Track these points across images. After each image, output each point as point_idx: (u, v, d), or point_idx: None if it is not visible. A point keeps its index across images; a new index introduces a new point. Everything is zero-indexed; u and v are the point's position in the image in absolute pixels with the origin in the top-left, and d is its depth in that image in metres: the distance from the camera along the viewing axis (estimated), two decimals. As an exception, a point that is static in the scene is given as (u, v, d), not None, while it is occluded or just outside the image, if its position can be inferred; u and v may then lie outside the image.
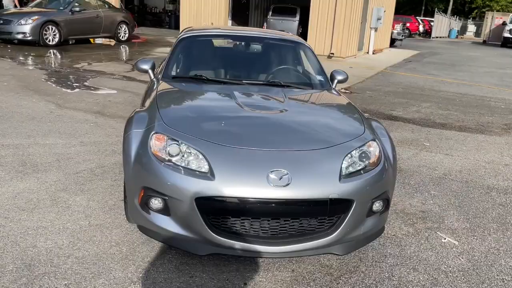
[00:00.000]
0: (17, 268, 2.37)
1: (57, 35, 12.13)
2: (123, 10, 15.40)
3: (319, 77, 3.93)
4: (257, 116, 2.92)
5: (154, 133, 2.54)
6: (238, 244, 2.34)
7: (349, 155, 2.56)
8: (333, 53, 13.77)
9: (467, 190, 4.06)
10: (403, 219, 3.35)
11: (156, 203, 2.39)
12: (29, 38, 11.54)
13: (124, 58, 11.67)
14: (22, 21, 11.50)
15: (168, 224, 2.39)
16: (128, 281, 2.35)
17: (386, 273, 2.63)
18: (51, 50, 11.43)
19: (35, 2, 13.54)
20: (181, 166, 2.37)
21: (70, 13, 12.57)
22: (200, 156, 2.39)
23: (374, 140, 2.77)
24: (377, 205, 2.62)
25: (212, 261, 2.58)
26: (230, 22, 17.94)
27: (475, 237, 3.17)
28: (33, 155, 4.02)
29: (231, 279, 2.44)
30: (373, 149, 2.70)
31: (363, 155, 2.62)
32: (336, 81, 4.01)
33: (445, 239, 3.11)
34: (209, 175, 2.31)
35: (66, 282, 2.30)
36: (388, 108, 7.49)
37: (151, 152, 2.45)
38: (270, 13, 16.47)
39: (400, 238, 3.06)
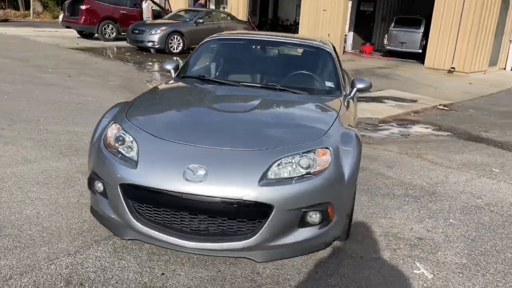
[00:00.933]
0: (-5, 228, 2.82)
1: (181, 44, 13.45)
2: (245, 22, 16.29)
3: (329, 83, 3.76)
4: (217, 115, 2.96)
5: (112, 123, 2.78)
6: (156, 234, 2.42)
7: (284, 159, 2.45)
8: (454, 68, 12.58)
9: (499, 224, 3.45)
10: (387, 243, 3.03)
11: (98, 186, 2.61)
12: (157, 46, 13.01)
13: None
14: (152, 31, 13.03)
15: (105, 207, 2.59)
16: (64, 252, 2.62)
17: (316, 291, 2.45)
18: (173, 58, 12.69)
19: (169, 15, 15.21)
20: (121, 154, 2.55)
21: (194, 24, 13.82)
22: (135, 146, 2.55)
23: (328, 148, 2.59)
24: (313, 217, 2.45)
25: (152, 249, 2.70)
26: (351, 34, 17.64)
27: (462, 275, 2.71)
28: (83, 142, 4.62)
29: (153, 267, 2.54)
30: (323, 157, 2.54)
31: (305, 161, 2.48)
32: (355, 89, 3.79)
33: (419, 269, 2.73)
34: (134, 163, 2.45)
35: (17, 245, 2.66)
36: (481, 129, 6.64)
37: (103, 139, 2.70)
38: (393, 24, 15.74)
39: (366, 260, 2.79)
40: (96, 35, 15.88)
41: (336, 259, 2.77)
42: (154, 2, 17.14)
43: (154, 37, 12.97)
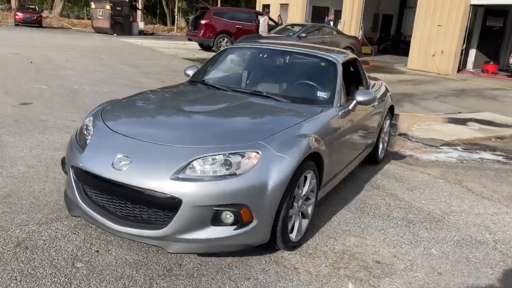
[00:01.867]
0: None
1: (282, 57, 13.84)
2: (353, 37, 16.04)
3: (322, 94, 3.69)
4: (177, 114, 3.17)
5: (90, 116, 3.19)
6: (93, 214, 2.72)
7: (206, 158, 2.55)
8: None
9: (491, 263, 3.03)
10: (336, 260, 2.90)
11: (66, 168, 3.03)
12: (257, 58, 13.62)
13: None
14: (255, 44, 13.67)
15: (68, 186, 2.99)
16: (35, 221, 3.07)
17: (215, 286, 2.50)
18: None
19: (277, 29, 15.78)
20: (85, 142, 2.93)
21: (297, 38, 14.12)
22: (91, 134, 2.91)
23: (258, 152, 2.63)
24: (227, 216, 2.52)
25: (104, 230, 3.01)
26: (473, 51, 16.16)
27: (392, 304, 2.49)
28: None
29: (94, 244, 2.84)
30: (249, 160, 2.59)
31: (228, 162, 2.56)
32: (354, 101, 3.68)
33: (346, 289, 2.58)
34: (83, 149, 2.81)
35: (7, 210, 3.20)
36: None
37: (78, 129, 3.12)
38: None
39: (297, 272, 2.72)
40: (213, 48, 17.16)
41: (264, 265, 2.75)
42: (270, 18, 17.92)
43: (256, 49, 13.56)
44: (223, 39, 16.96)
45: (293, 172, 2.65)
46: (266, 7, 24.06)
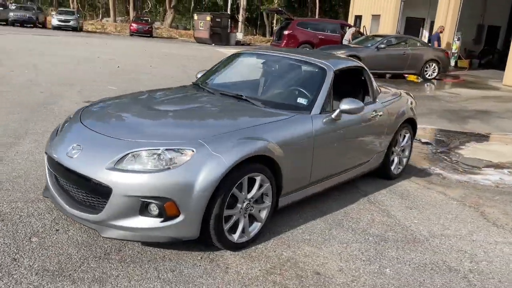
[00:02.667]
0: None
1: (358, 68, 13.53)
2: (441, 50, 15.04)
3: (303, 100, 3.65)
4: (144, 111, 3.36)
5: (73, 114, 3.56)
6: (55, 196, 3.05)
7: (142, 151, 2.73)
8: None
9: (443, 286, 2.77)
10: (273, 265, 2.88)
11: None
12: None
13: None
14: (330, 55, 13.55)
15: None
16: (25, 200, 3.50)
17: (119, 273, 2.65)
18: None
19: (358, 39, 15.46)
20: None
21: (375, 49, 13.71)
22: (65, 126, 3.27)
23: (192, 150, 2.75)
24: (153, 208, 2.68)
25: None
26: None
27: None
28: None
29: (58, 223, 3.17)
30: (184, 157, 2.71)
31: (162, 157, 2.72)
32: (338, 110, 3.60)
33: (259, 294, 2.56)
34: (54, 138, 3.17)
35: (9, 188, 3.70)
36: None
37: (62, 122, 3.50)
38: None
39: (223, 269, 2.77)
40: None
41: (197, 261, 2.83)
42: (358, 31, 17.61)
43: (331, 60, 13.44)
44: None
45: (226, 172, 2.70)
46: (358, 17, 23.63)
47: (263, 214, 3.15)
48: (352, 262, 3.01)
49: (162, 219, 2.67)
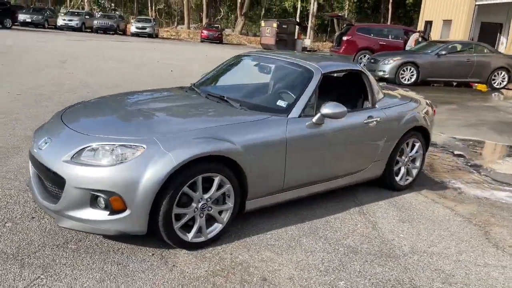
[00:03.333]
0: None
1: (414, 76, 12.92)
2: (510, 56, 13.88)
3: (283, 102, 3.56)
4: (120, 110, 3.45)
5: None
6: (31, 185, 3.25)
7: (98, 146, 2.83)
8: None
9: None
10: (221, 267, 2.85)
11: None
12: (386, 76, 13.00)
13: (480, 105, 11.00)
14: (386, 61, 13.09)
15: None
16: (19, 189, 3.78)
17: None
18: (405, 89, 12.37)
19: (418, 45, 14.75)
20: None
21: (436, 56, 13.00)
22: (49, 121, 3.49)
23: (143, 147, 2.81)
24: (101, 201, 2.78)
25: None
26: None
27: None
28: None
29: (38, 212, 3.38)
30: (135, 153, 2.78)
31: (114, 152, 2.80)
32: (318, 114, 3.48)
33: None
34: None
35: (12, 178, 4.01)
36: None
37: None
38: None
39: (169, 267, 2.79)
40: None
41: (147, 257, 2.87)
42: (422, 36, 16.85)
43: (385, 67, 12.98)
44: (364, 56, 16.57)
45: (173, 170, 2.72)
46: (429, 23, 22.53)
47: (225, 216, 3.12)
48: (307, 271, 2.88)
49: (109, 212, 2.74)
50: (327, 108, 3.44)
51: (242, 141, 3.08)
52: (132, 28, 32.41)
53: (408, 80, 12.95)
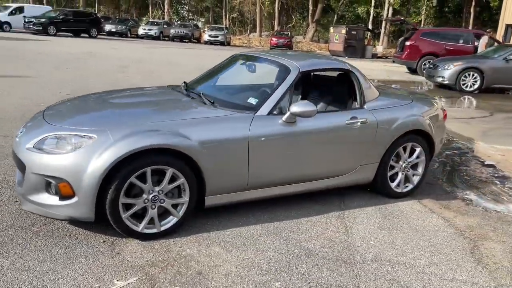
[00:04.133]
0: None
1: (478, 82, 12.05)
2: None
3: (254, 100, 3.53)
4: (97, 104, 3.62)
5: None
6: (17, 171, 3.54)
7: (58, 135, 3.02)
8: None
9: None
10: (163, 259, 2.89)
11: None
12: (445, 82, 12.27)
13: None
14: (445, 66, 12.34)
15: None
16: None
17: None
18: (465, 96, 11.62)
19: (486, 50, 13.70)
20: None
21: (503, 61, 12.02)
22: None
23: (91, 137, 2.93)
24: (52, 187, 2.95)
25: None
26: None
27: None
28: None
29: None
30: (86, 142, 2.93)
31: (68, 141, 2.97)
32: (288, 113, 3.42)
33: (115, 284, 2.61)
34: None
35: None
36: None
37: None
38: None
39: (113, 255, 2.89)
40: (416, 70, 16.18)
41: (97, 243, 2.99)
42: (492, 38, 15.69)
43: (445, 72, 12.24)
44: (429, 62, 15.73)
45: (117, 160, 2.82)
46: (510, 27, 20.84)
47: (181, 209, 3.16)
48: (248, 269, 2.83)
49: (59, 198, 2.91)
50: (296, 107, 3.36)
51: (199, 136, 3.11)
52: (205, 36, 33.69)
53: (471, 86, 12.07)
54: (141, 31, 34.00)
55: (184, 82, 4.27)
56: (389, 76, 15.45)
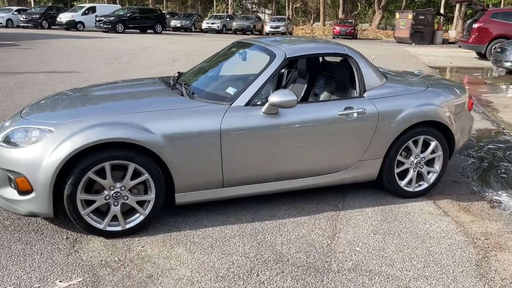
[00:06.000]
0: None
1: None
2: None
3: (232, 90, 3.25)
4: (75, 96, 3.52)
5: None
6: None
7: (25, 128, 2.97)
8: None
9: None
10: (119, 258, 2.75)
11: None
12: (514, 67, 11.06)
13: None
14: (514, 50, 11.12)
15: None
16: None
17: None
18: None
19: None
20: None
21: None
22: None
23: (52, 130, 2.84)
24: (12, 181, 2.90)
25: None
26: None
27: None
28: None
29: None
30: (44, 136, 2.81)
31: (29, 135, 2.91)
32: (268, 104, 3.13)
33: (58, 285, 2.50)
34: None
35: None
36: None
37: None
38: None
39: (70, 252, 2.80)
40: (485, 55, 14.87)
41: (57, 240, 2.91)
42: None
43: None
44: (497, 45, 14.29)
45: (71, 155, 2.70)
46: None
47: (147, 207, 3.00)
48: (203, 275, 2.60)
49: (18, 192, 2.85)
50: (275, 96, 3.04)
51: (164, 129, 2.91)
52: (267, 27, 33.55)
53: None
54: (204, 25, 34.55)
55: (178, 73, 4.09)
56: (451, 63, 14.26)
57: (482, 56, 15.56)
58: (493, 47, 13.25)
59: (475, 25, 14.81)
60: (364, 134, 3.40)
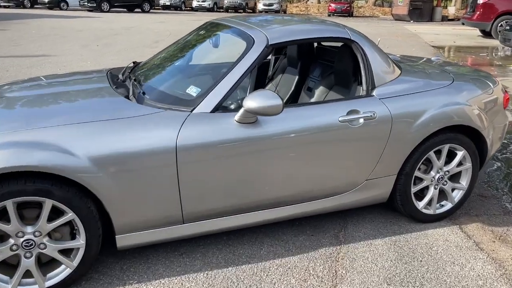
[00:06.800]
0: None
1: None
2: None
3: (195, 90, 2.38)
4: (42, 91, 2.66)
5: None
6: None
7: None
8: None
9: None
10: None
11: None
12: (524, 46, 10.17)
13: None
14: (525, 27, 10.22)
15: None
16: None
17: None
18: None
19: None
20: None
21: None
22: None
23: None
24: None
25: None
26: None
27: None
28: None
29: None
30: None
31: None
32: (242, 110, 2.26)
33: None
34: None
35: None
36: None
37: None
38: None
39: None
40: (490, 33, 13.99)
41: None
42: None
43: (524, 35, 10.13)
44: (506, 22, 13.37)
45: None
46: None
47: (76, 256, 2.16)
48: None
49: None
50: (252, 100, 2.18)
51: (94, 149, 2.05)
52: (259, 5, 32.29)
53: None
54: (195, 3, 33.15)
55: (133, 63, 3.20)
56: (455, 42, 13.35)
57: (486, 34, 14.67)
58: (500, 24, 12.35)
59: (480, 1, 13.85)
60: (373, 146, 2.56)
